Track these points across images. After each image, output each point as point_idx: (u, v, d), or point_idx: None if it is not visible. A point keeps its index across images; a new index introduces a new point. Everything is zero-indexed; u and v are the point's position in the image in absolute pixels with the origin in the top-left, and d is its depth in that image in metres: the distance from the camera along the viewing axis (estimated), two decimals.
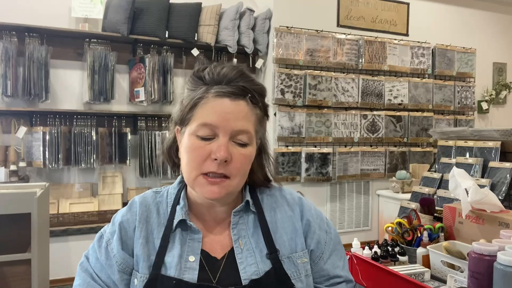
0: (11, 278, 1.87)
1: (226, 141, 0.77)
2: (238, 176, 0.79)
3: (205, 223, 0.85)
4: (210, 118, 0.77)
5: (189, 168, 0.79)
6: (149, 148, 3.41)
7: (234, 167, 0.78)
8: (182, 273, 0.78)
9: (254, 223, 0.85)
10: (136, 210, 0.85)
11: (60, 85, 3.34)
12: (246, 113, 0.79)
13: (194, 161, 0.78)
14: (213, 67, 0.81)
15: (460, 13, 4.49)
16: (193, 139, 0.78)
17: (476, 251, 0.99)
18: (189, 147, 0.79)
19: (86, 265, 0.83)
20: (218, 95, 0.78)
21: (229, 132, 0.77)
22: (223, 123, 0.76)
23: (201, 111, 0.78)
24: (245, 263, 0.80)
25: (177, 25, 3.45)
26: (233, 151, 0.77)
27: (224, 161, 0.76)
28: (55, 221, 3.07)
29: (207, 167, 0.77)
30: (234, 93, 0.78)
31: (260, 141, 0.87)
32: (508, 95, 4.88)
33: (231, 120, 0.77)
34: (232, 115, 0.77)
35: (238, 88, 0.78)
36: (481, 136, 2.01)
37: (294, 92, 3.61)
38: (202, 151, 0.77)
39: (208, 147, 0.77)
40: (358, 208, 3.94)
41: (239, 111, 0.78)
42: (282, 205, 0.89)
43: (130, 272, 0.82)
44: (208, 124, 0.77)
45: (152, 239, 0.82)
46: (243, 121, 0.78)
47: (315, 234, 0.88)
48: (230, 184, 0.78)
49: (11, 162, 3.04)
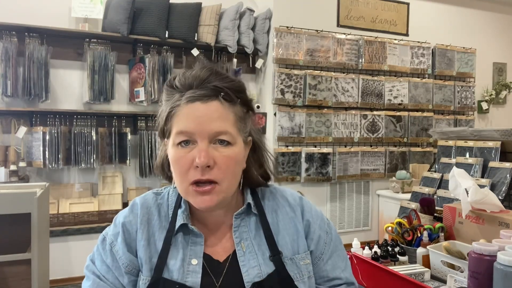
0: (11, 278, 1.87)
1: (206, 146, 0.74)
2: (226, 179, 0.76)
3: (206, 226, 0.85)
4: (185, 125, 0.75)
5: (179, 180, 0.78)
6: (149, 148, 3.41)
7: (220, 171, 0.75)
8: (185, 276, 0.78)
9: (256, 226, 0.84)
10: (138, 212, 0.84)
11: (60, 85, 3.34)
12: (221, 113, 0.76)
13: (180, 172, 0.76)
14: (182, 74, 0.80)
15: (460, 13, 4.49)
16: (174, 150, 0.77)
17: (476, 251, 0.99)
18: (172, 158, 0.77)
19: (92, 268, 0.83)
20: (190, 101, 0.76)
21: (206, 135, 0.75)
22: (198, 128, 0.74)
23: (176, 120, 0.77)
24: (248, 266, 0.80)
25: (177, 25, 3.45)
26: (215, 155, 0.75)
27: (206, 167, 0.74)
28: (55, 221, 3.07)
29: (192, 175, 0.75)
30: (205, 95, 0.75)
31: (252, 137, 0.85)
32: (508, 95, 4.88)
33: (205, 124, 0.74)
34: (205, 117, 0.75)
35: (209, 89, 0.76)
36: (481, 136, 2.01)
37: (294, 92, 3.61)
38: (185, 160, 0.75)
39: (189, 155, 0.75)
40: (358, 208, 3.94)
41: (212, 112, 0.75)
42: (283, 206, 0.88)
43: (137, 273, 0.81)
44: (184, 132, 0.75)
45: (153, 241, 0.82)
46: (219, 122, 0.75)
47: (314, 234, 0.87)
48: (221, 190, 0.76)
49: (11, 162, 3.04)
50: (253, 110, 0.85)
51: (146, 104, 3.41)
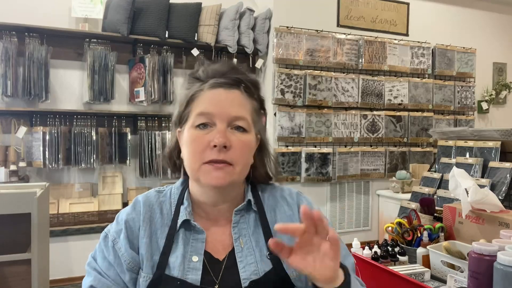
0: (11, 278, 1.87)
1: (224, 128, 0.78)
2: (240, 163, 0.79)
3: (207, 222, 0.85)
4: (206, 107, 0.79)
5: (192, 160, 0.79)
6: (149, 148, 3.41)
7: (235, 153, 0.78)
8: (185, 273, 0.78)
9: (255, 223, 0.85)
10: (140, 209, 0.85)
11: (60, 85, 3.34)
12: (241, 101, 0.81)
13: (195, 151, 0.79)
14: (206, 65, 0.85)
15: (460, 13, 4.49)
16: (192, 131, 0.80)
17: (476, 251, 0.99)
18: (189, 139, 0.80)
19: (93, 264, 0.83)
20: (213, 87, 0.81)
21: (225, 119, 0.78)
22: (219, 110, 0.78)
23: (197, 103, 0.81)
24: (245, 262, 0.80)
25: (177, 25, 3.45)
26: (232, 138, 0.78)
27: (223, 147, 0.77)
28: (55, 221, 3.07)
29: (208, 155, 0.77)
30: (228, 83, 0.81)
31: (260, 137, 0.88)
32: (508, 95, 4.88)
33: (226, 107, 0.79)
34: (227, 102, 0.80)
35: (232, 79, 0.81)
36: (481, 136, 2.01)
37: (294, 92, 3.61)
38: (202, 140, 0.78)
39: (207, 136, 0.78)
40: (358, 208, 3.94)
41: (234, 98, 0.81)
42: (282, 205, 0.89)
43: (138, 270, 0.82)
44: (205, 113, 0.79)
45: (155, 239, 0.82)
46: (239, 108, 0.80)
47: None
48: (234, 171, 0.78)
49: (11, 162, 3.04)
50: (265, 109, 0.90)
51: (146, 104, 3.41)
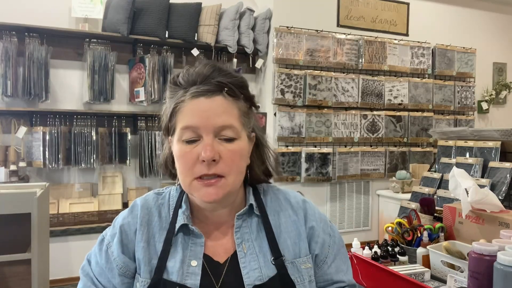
0: (11, 278, 1.87)
1: (211, 140, 0.75)
2: (232, 173, 0.77)
3: (207, 227, 0.84)
4: (190, 120, 0.76)
5: (183, 175, 0.78)
6: (149, 148, 3.41)
7: (225, 165, 0.76)
8: (184, 278, 0.77)
9: (257, 227, 0.84)
10: (138, 213, 0.84)
11: (60, 85, 3.34)
12: (225, 108, 0.77)
13: (185, 167, 0.76)
14: (186, 70, 0.81)
15: (460, 13, 4.49)
16: (179, 146, 0.77)
17: (476, 251, 0.99)
18: (178, 154, 0.78)
19: (87, 269, 0.83)
20: (194, 96, 0.76)
21: (211, 130, 0.75)
22: (203, 122, 0.75)
23: (181, 116, 0.77)
24: (248, 268, 0.79)
25: (177, 25, 3.45)
26: (220, 149, 0.76)
27: (212, 161, 0.74)
28: (55, 221, 3.07)
29: (198, 170, 0.75)
30: (209, 90, 0.76)
31: (255, 133, 0.85)
32: (508, 95, 4.88)
33: (210, 118, 0.75)
34: (210, 112, 0.75)
35: (213, 85, 0.77)
36: (481, 136, 2.01)
37: (294, 92, 3.61)
38: (190, 155, 0.76)
39: (195, 150, 0.75)
40: (358, 208, 3.94)
41: (217, 107, 0.76)
42: (286, 209, 0.87)
43: (131, 275, 0.81)
44: (189, 127, 0.76)
45: (153, 243, 0.81)
46: (224, 116, 0.76)
47: (319, 237, 0.86)
48: (226, 183, 0.76)
49: (11, 162, 3.04)
50: (256, 106, 0.86)
51: (146, 104, 3.41)
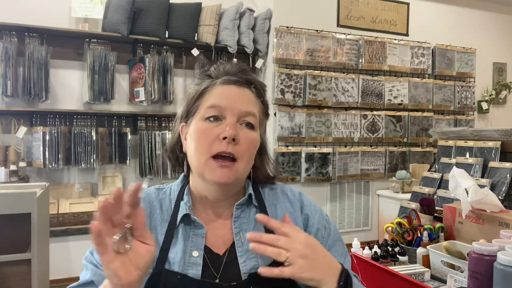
0: (11, 278, 1.87)
1: (234, 122, 0.80)
2: (245, 159, 0.81)
3: (208, 218, 0.86)
4: (219, 100, 0.81)
5: (198, 152, 0.80)
6: (149, 148, 3.41)
7: (242, 148, 0.79)
8: (185, 268, 0.78)
9: (255, 217, 0.85)
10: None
11: (60, 85, 3.33)
12: (251, 99, 0.84)
13: (203, 143, 0.79)
14: (218, 64, 0.87)
15: (460, 13, 4.49)
16: (200, 123, 0.81)
17: (476, 251, 0.99)
18: (197, 131, 0.81)
19: (90, 258, 0.83)
20: (225, 82, 0.83)
21: (236, 113, 0.80)
22: (231, 104, 0.80)
23: (208, 96, 0.83)
24: (245, 257, 0.81)
25: (177, 25, 3.45)
26: (240, 133, 0.80)
27: (232, 140, 0.78)
28: (55, 221, 3.07)
29: (216, 147, 0.78)
30: (239, 81, 0.84)
31: (261, 139, 0.89)
32: (508, 95, 4.88)
33: (238, 102, 0.81)
34: (239, 97, 0.82)
35: (243, 79, 0.84)
36: (481, 136, 2.01)
37: (294, 92, 3.61)
38: (211, 133, 0.79)
39: (216, 129, 0.79)
40: (358, 208, 3.94)
41: (245, 95, 0.84)
42: (283, 201, 0.90)
43: None
44: (217, 106, 0.80)
45: (155, 235, 0.82)
46: (249, 105, 0.83)
47: (313, 227, 0.88)
48: (238, 168, 0.80)
49: (11, 162, 3.04)
50: (269, 114, 0.92)
51: (146, 104, 3.41)
